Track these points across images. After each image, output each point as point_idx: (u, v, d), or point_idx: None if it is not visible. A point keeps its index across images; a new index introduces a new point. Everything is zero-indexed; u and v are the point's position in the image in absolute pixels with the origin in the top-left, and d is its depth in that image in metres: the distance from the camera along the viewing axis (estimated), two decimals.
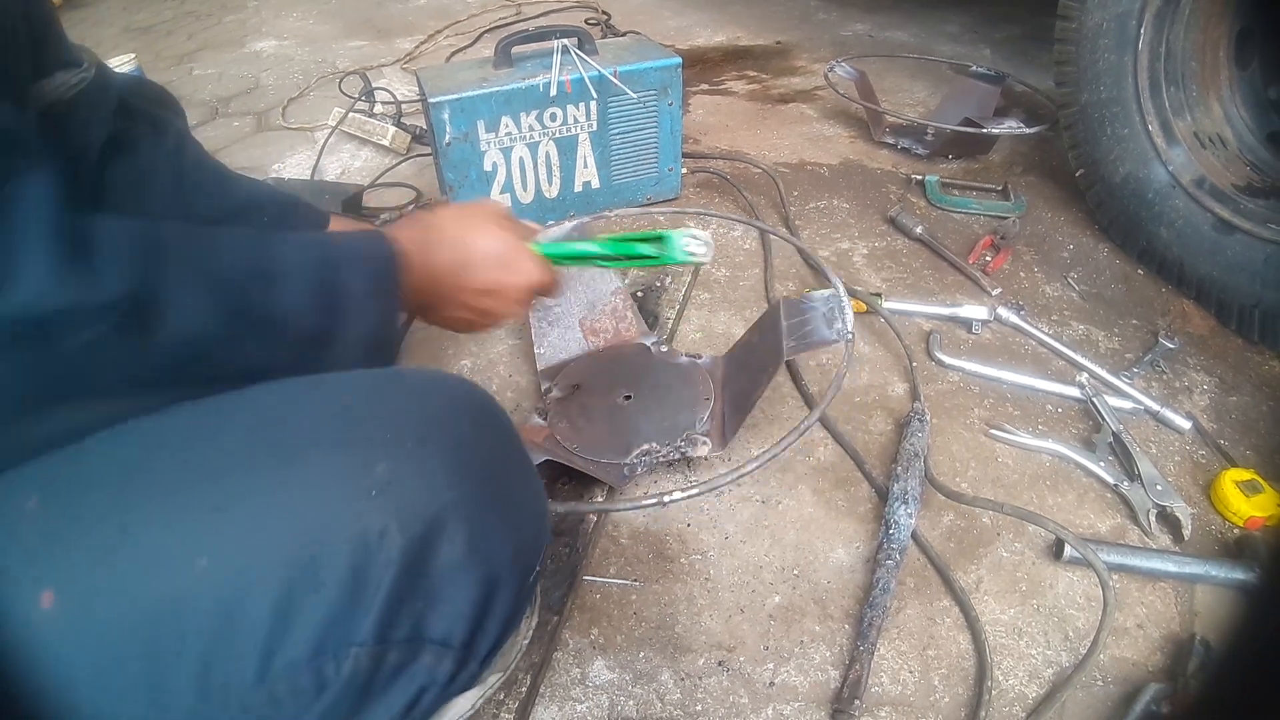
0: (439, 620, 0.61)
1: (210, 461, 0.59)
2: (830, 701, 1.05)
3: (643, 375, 1.46)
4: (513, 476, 0.72)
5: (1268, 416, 1.49)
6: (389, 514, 0.57)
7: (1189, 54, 1.72)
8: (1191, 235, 1.68)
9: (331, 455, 0.60)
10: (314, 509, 0.57)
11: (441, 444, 0.63)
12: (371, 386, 0.67)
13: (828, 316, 1.27)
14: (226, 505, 0.56)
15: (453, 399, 0.70)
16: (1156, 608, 1.18)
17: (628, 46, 1.94)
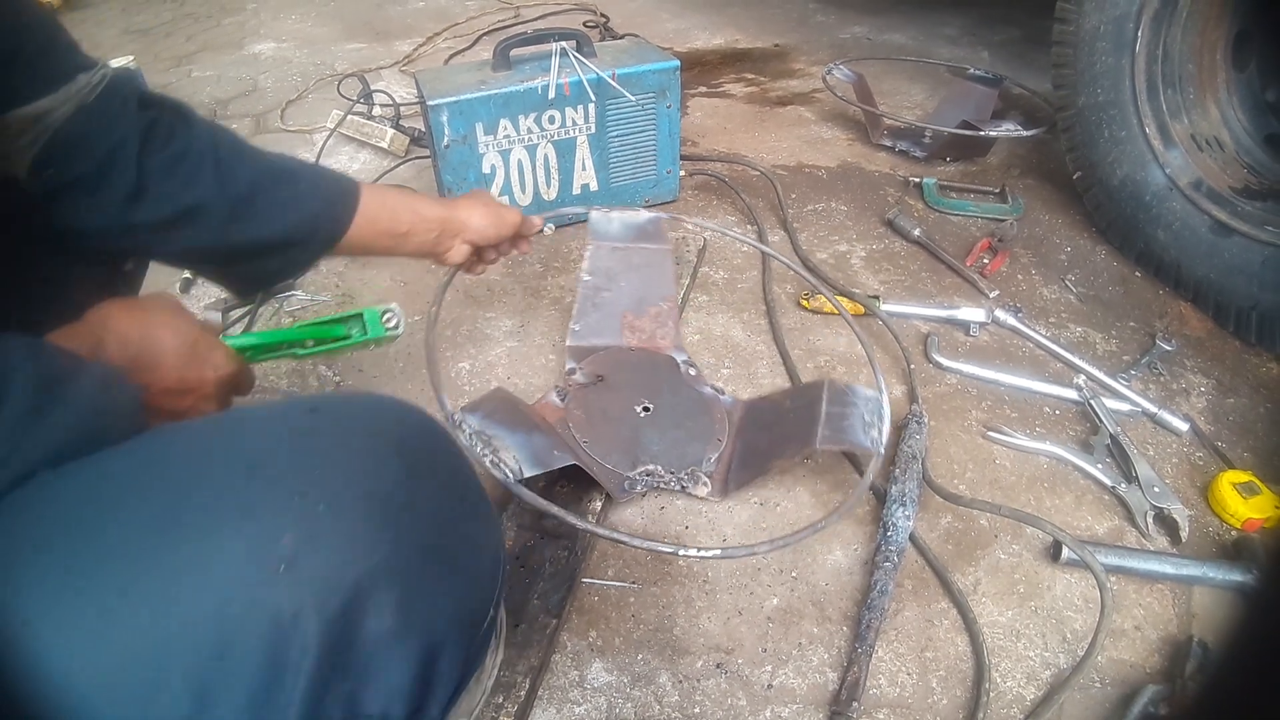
0: (374, 697, 0.56)
1: (109, 538, 0.53)
2: (828, 703, 1.05)
3: (666, 391, 1.46)
4: (456, 519, 0.66)
5: (1265, 418, 1.49)
6: (300, 592, 0.52)
7: (1186, 57, 1.73)
8: (1189, 237, 1.69)
9: (235, 528, 0.54)
10: (219, 592, 0.52)
11: (362, 499, 0.58)
12: (286, 433, 0.61)
13: (867, 421, 1.27)
14: (129, 589, 0.52)
15: (381, 436, 0.63)
16: (1154, 609, 1.18)
17: (626, 49, 1.94)
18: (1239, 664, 0.40)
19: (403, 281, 1.79)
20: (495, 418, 1.21)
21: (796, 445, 1.27)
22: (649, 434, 1.38)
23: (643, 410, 1.41)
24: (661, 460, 1.33)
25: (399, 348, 1.60)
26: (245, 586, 0.52)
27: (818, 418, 1.27)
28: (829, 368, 1.57)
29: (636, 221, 1.59)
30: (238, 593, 0.52)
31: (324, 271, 1.82)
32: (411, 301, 1.72)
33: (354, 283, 1.79)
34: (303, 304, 1.72)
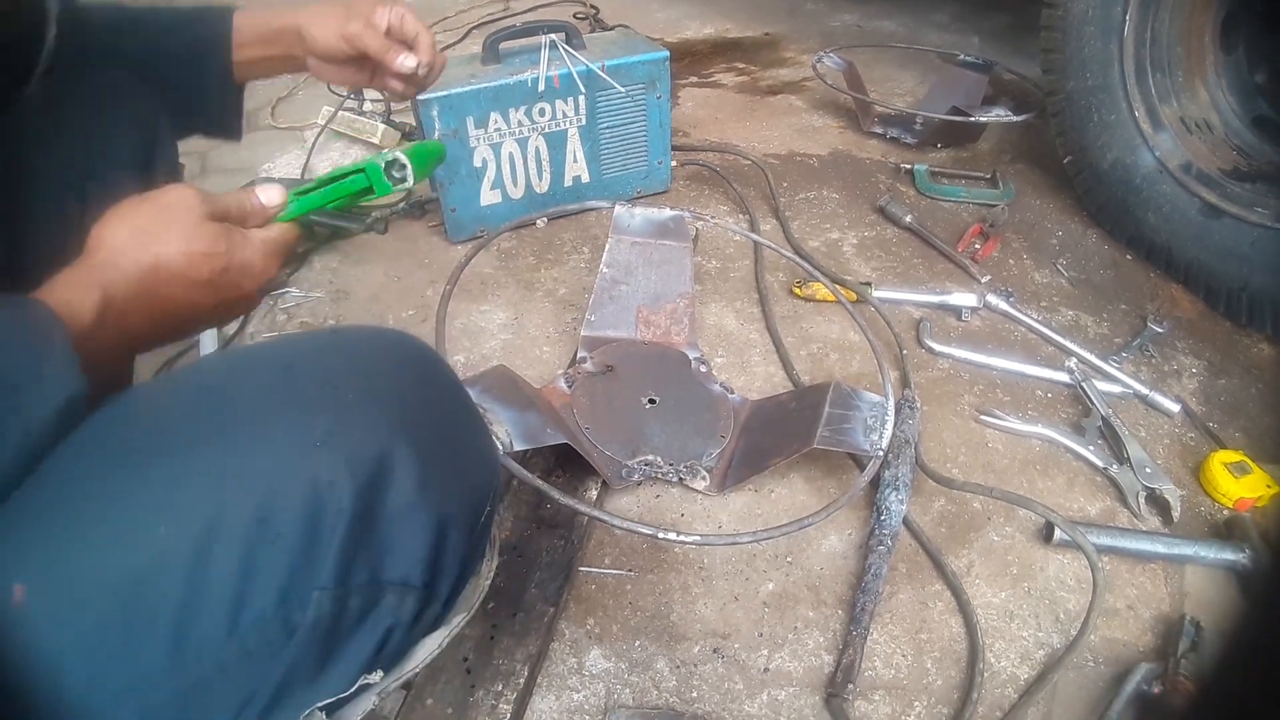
0: (396, 562, 0.62)
1: (159, 441, 0.60)
2: (824, 686, 1.06)
3: (674, 386, 1.47)
4: (457, 422, 0.73)
5: (1256, 399, 1.50)
6: (336, 463, 0.58)
7: (1174, 40, 1.73)
8: (1179, 220, 1.70)
9: (275, 417, 0.60)
10: (263, 467, 0.58)
11: (382, 395, 0.65)
12: (311, 350, 0.69)
13: (869, 424, 1.28)
14: (180, 477, 0.57)
15: (393, 353, 0.71)
16: (1146, 589, 1.19)
17: (615, 40, 1.94)
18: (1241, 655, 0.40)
19: (396, 277, 1.80)
20: (492, 392, 1.24)
21: (796, 444, 1.27)
22: (652, 425, 1.39)
23: (648, 402, 1.43)
24: (662, 452, 1.34)
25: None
26: (286, 460, 0.58)
27: (819, 418, 1.28)
28: (822, 355, 1.57)
29: (659, 218, 1.59)
30: (280, 466, 0.58)
31: (317, 269, 1.83)
32: (405, 296, 1.73)
33: (347, 278, 1.79)
34: (296, 301, 1.72)
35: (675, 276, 1.58)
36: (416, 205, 2.00)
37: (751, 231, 1.88)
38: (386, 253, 1.88)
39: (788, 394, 1.47)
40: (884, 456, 1.24)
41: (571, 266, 1.82)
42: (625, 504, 1.30)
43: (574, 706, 1.05)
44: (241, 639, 0.56)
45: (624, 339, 1.55)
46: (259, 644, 0.56)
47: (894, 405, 1.30)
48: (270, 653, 0.57)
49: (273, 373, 0.65)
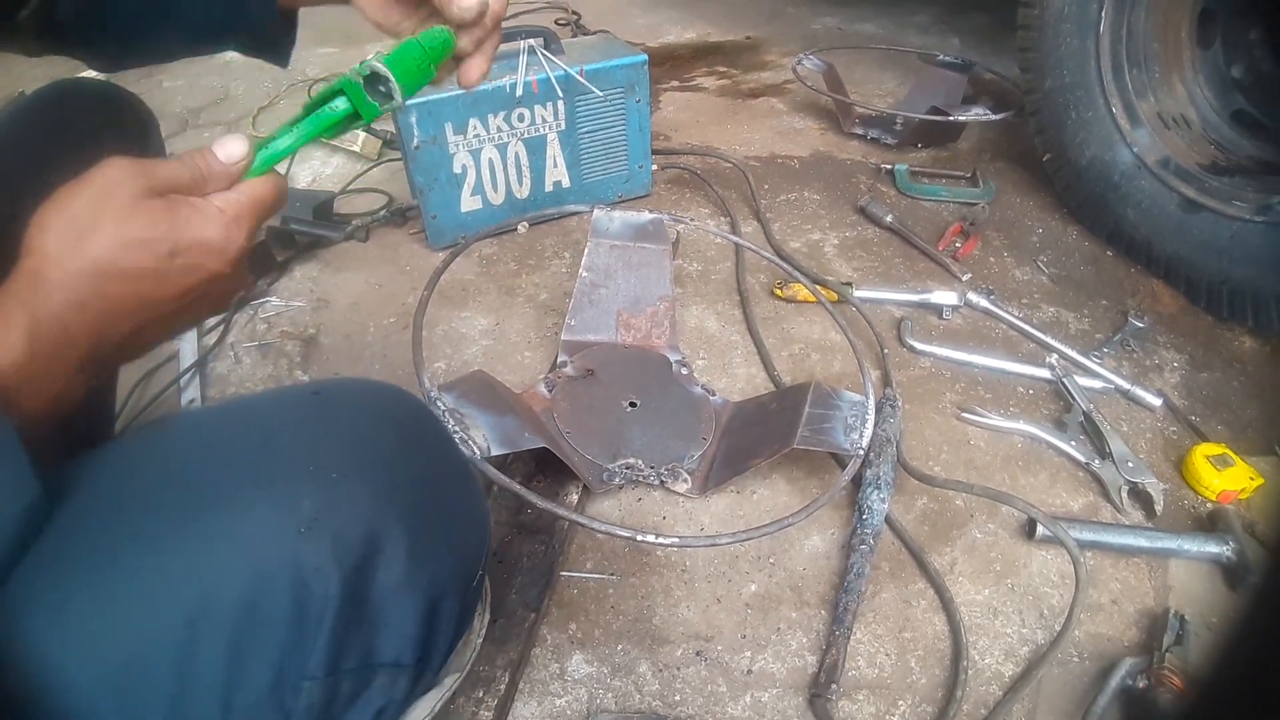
0: (387, 644, 0.61)
1: (139, 527, 0.57)
2: (808, 686, 1.06)
3: (655, 388, 1.46)
4: (448, 486, 0.70)
5: (1238, 391, 1.51)
6: (322, 548, 0.56)
7: (1150, 36, 1.74)
8: (1158, 215, 1.70)
9: (258, 498, 0.58)
10: (247, 554, 0.56)
11: (367, 468, 0.62)
12: (293, 415, 0.65)
13: (849, 424, 1.28)
14: (162, 566, 0.55)
15: (378, 415, 0.67)
16: (1130, 583, 1.19)
17: (594, 45, 1.94)
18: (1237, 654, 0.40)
19: (377, 284, 1.79)
20: (470, 398, 1.23)
21: (777, 445, 1.26)
22: (633, 429, 1.38)
23: (629, 405, 1.42)
24: (644, 455, 1.33)
25: (374, 351, 1.60)
26: (272, 547, 0.56)
27: (800, 418, 1.27)
28: (803, 355, 1.57)
29: (638, 222, 1.58)
30: (265, 553, 0.56)
31: (298, 277, 1.82)
32: (386, 304, 1.72)
33: (328, 287, 1.78)
34: (277, 310, 1.72)
35: (655, 280, 1.57)
36: (398, 213, 1.99)
37: (732, 233, 1.87)
38: (367, 260, 1.87)
39: (769, 395, 1.47)
40: (865, 455, 1.23)
41: (552, 272, 1.81)
42: (607, 508, 1.29)
43: (556, 712, 1.04)
44: None
45: (604, 343, 1.54)
46: None
47: (874, 404, 1.30)
48: None
49: (253, 445, 0.62)
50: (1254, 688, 0.37)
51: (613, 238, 1.58)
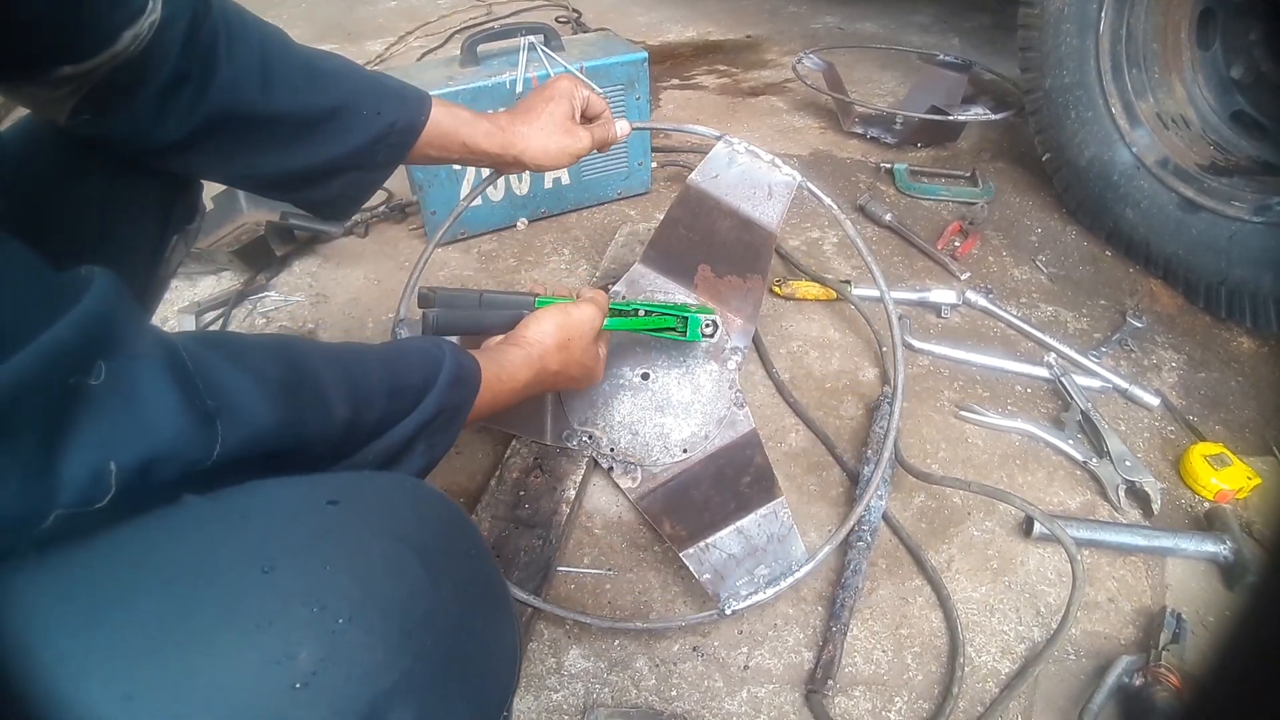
0: None
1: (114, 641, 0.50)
2: (804, 682, 1.06)
3: (682, 371, 1.35)
4: (475, 620, 0.63)
5: (1236, 391, 1.51)
6: (316, 712, 0.50)
7: (1150, 36, 1.74)
8: (1157, 215, 1.70)
9: (249, 639, 0.51)
10: (231, 704, 0.49)
11: (380, 611, 0.55)
12: (301, 534, 0.58)
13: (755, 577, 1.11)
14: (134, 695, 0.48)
15: (401, 537, 0.60)
16: (1127, 581, 1.19)
17: (594, 42, 1.94)
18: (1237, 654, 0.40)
19: (376, 280, 1.79)
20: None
21: (685, 529, 1.19)
22: (625, 402, 1.33)
23: (640, 376, 1.35)
24: (615, 433, 1.31)
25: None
26: (260, 703, 0.50)
27: (722, 525, 1.17)
28: (801, 353, 1.57)
29: (764, 176, 1.35)
30: (251, 709, 0.50)
31: (297, 272, 1.82)
32: (385, 300, 1.72)
33: (327, 282, 1.78)
34: (276, 305, 1.71)
35: (753, 254, 1.38)
36: (397, 208, 1.99)
37: None
38: (367, 256, 1.87)
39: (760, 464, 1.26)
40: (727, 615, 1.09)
41: (551, 268, 1.81)
42: (604, 504, 1.29)
43: (552, 706, 1.04)
44: None
45: (677, 287, 1.42)
46: None
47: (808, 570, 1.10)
48: None
49: (252, 568, 0.54)
50: (1251, 687, 0.37)
51: (721, 187, 1.37)
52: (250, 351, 0.64)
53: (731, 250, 1.38)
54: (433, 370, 0.82)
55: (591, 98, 1.20)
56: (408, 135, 1.04)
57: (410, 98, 1.05)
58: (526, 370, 0.99)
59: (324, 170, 0.98)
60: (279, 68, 0.89)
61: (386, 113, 1.00)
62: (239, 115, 0.87)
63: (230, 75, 0.84)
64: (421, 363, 0.82)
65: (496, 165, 1.17)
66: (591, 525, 1.26)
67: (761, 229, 1.36)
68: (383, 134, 1.00)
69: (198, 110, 0.83)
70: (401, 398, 0.78)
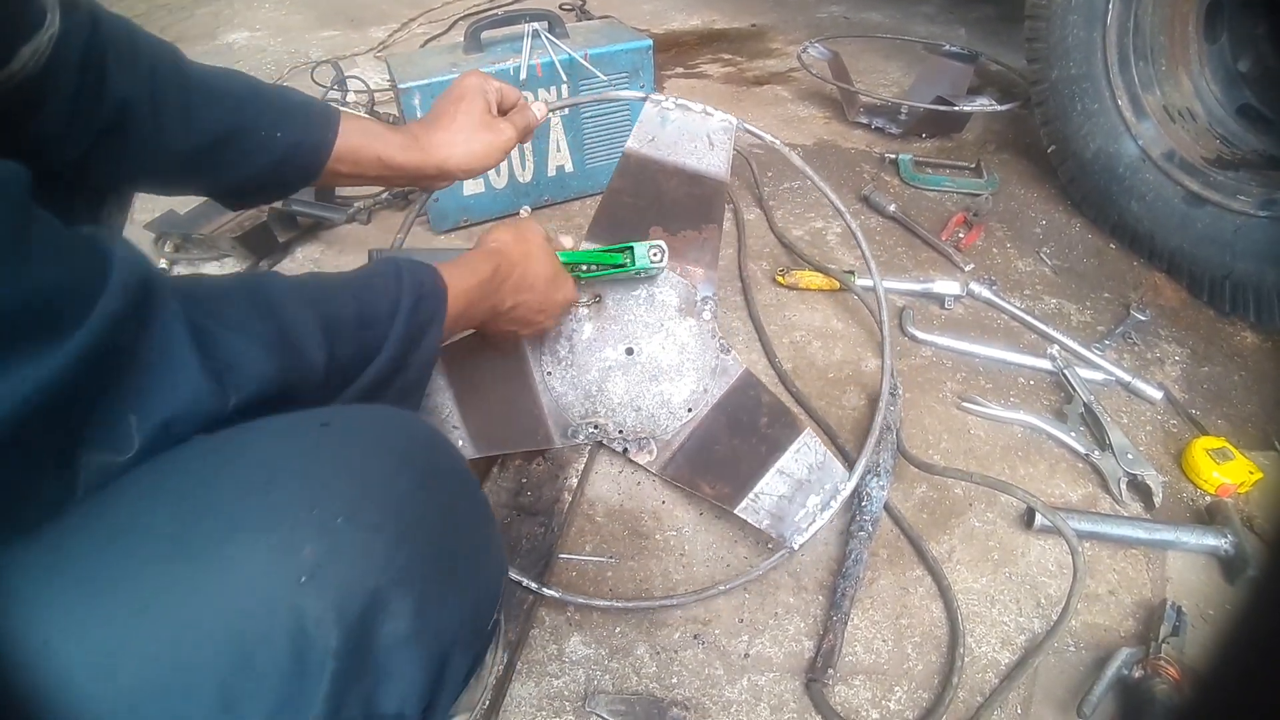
0: (390, 697, 0.58)
1: (127, 559, 0.54)
2: (805, 671, 1.06)
3: (663, 332, 1.33)
4: (463, 529, 0.68)
5: (1238, 386, 1.50)
6: (323, 600, 0.54)
7: (1157, 29, 1.73)
8: (1162, 208, 1.70)
9: (255, 541, 0.55)
10: (242, 602, 0.53)
11: (377, 512, 0.59)
12: (298, 451, 0.62)
13: (809, 508, 1.15)
14: (152, 602, 0.53)
15: (390, 450, 0.65)
16: (1128, 574, 1.19)
17: (599, 30, 1.94)
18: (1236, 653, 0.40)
19: None
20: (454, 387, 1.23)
21: (727, 489, 1.21)
22: (619, 382, 1.32)
23: (625, 352, 1.34)
24: (618, 415, 1.31)
25: None
26: (269, 597, 0.53)
27: (762, 471, 1.19)
28: (804, 342, 1.57)
29: (700, 127, 1.32)
30: (262, 603, 0.53)
31: (299, 259, 1.82)
32: None
33: (330, 268, 1.78)
34: None
35: (702, 205, 1.35)
36: (400, 195, 1.99)
37: (735, 226, 1.86)
38: (370, 242, 1.87)
39: (770, 402, 1.29)
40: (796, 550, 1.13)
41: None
42: (605, 491, 1.30)
43: (554, 693, 1.04)
44: None
45: None
46: None
47: (853, 486, 1.16)
48: None
49: (255, 480, 0.59)
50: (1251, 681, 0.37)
51: (660, 148, 1.34)
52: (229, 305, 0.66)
53: (683, 206, 1.35)
54: (394, 287, 0.82)
55: (504, 89, 1.14)
56: (314, 155, 0.98)
57: (314, 114, 0.98)
58: (487, 263, 0.98)
59: (230, 191, 0.97)
60: (169, 91, 0.85)
61: (287, 133, 0.95)
62: (130, 141, 0.83)
63: (121, 97, 0.80)
64: (384, 283, 0.82)
65: (419, 181, 1.10)
66: (593, 513, 1.27)
67: (710, 179, 1.33)
68: (286, 156, 0.95)
69: (88, 132, 0.79)
70: (371, 326, 0.79)
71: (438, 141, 1.06)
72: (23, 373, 0.48)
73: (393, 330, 0.80)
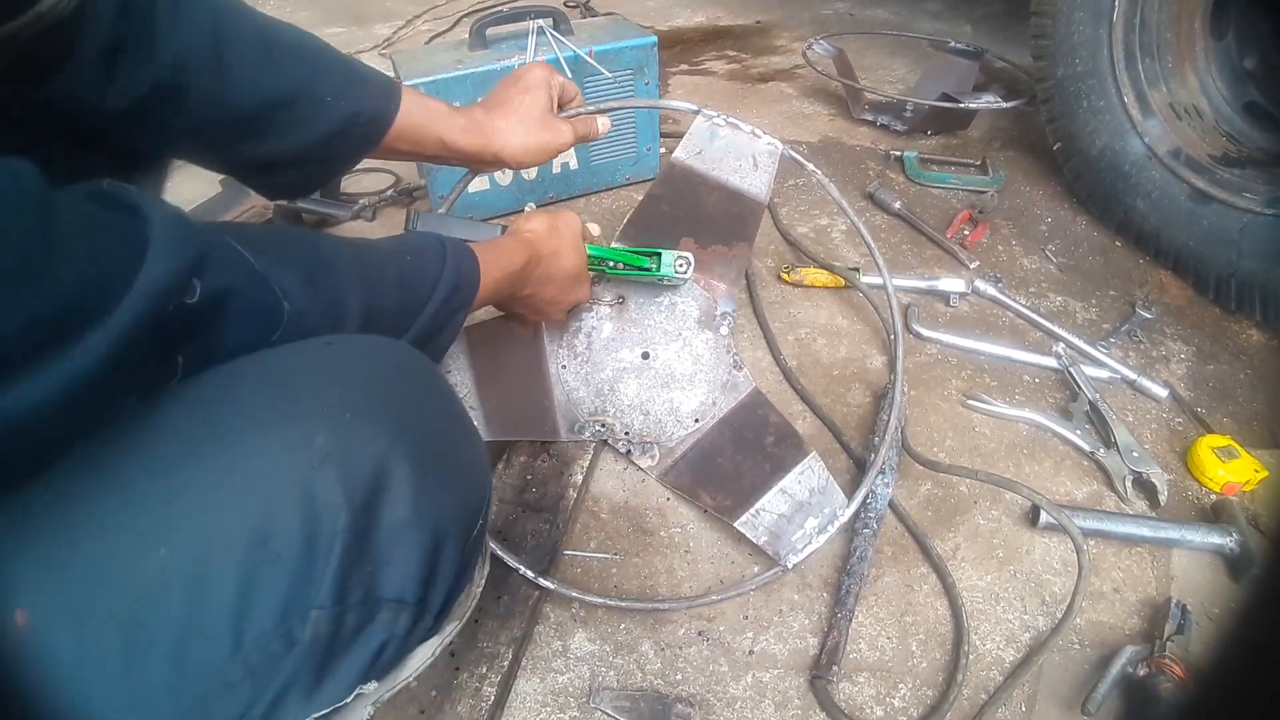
0: (391, 580, 0.62)
1: (156, 456, 0.59)
2: (809, 668, 1.06)
3: (680, 342, 1.35)
4: (453, 436, 0.73)
5: (1244, 384, 1.50)
6: (333, 483, 0.59)
7: (1164, 26, 1.72)
8: (1168, 206, 1.69)
9: (272, 433, 0.60)
10: (260, 487, 0.58)
11: (378, 409, 0.65)
12: (308, 362, 0.68)
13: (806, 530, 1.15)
14: (177, 495, 0.57)
15: (388, 365, 0.71)
16: (1133, 572, 1.19)
17: (604, 26, 1.93)
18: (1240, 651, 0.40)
19: None
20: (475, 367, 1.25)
21: (728, 501, 1.21)
22: (631, 384, 1.33)
23: (641, 356, 1.35)
24: (626, 416, 1.32)
25: None
26: (285, 480, 0.59)
27: (765, 489, 1.20)
28: (809, 340, 1.57)
29: (747, 147, 1.34)
30: (278, 486, 0.58)
31: None
32: None
33: None
34: None
35: (739, 222, 1.37)
36: (405, 192, 1.99)
37: None
38: None
39: (777, 422, 1.29)
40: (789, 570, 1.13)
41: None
42: (610, 488, 1.30)
43: (558, 688, 1.04)
44: (245, 658, 0.56)
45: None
46: (260, 661, 0.57)
47: (852, 512, 1.15)
48: (271, 669, 0.58)
49: (269, 387, 0.64)
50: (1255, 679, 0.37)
51: (705, 161, 1.36)
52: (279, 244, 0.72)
53: (718, 222, 1.37)
54: (437, 267, 0.87)
55: (566, 85, 1.16)
56: (374, 128, 0.96)
57: (379, 85, 0.97)
58: (520, 254, 1.03)
59: (277, 162, 0.92)
60: (234, 45, 0.82)
61: (351, 100, 0.92)
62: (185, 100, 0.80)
63: (178, 50, 0.77)
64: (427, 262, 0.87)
65: (472, 163, 1.11)
66: (598, 510, 1.27)
67: (750, 199, 1.35)
68: (346, 125, 0.93)
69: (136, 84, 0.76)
70: (412, 290, 0.84)
71: (499, 128, 1.07)
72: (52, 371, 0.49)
73: (425, 310, 0.85)
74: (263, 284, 0.66)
